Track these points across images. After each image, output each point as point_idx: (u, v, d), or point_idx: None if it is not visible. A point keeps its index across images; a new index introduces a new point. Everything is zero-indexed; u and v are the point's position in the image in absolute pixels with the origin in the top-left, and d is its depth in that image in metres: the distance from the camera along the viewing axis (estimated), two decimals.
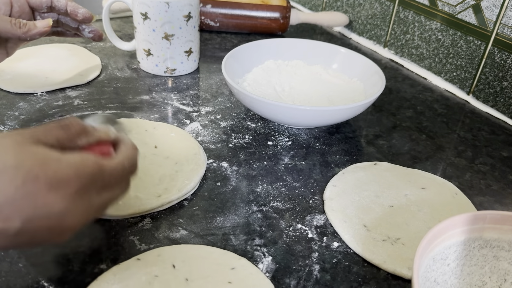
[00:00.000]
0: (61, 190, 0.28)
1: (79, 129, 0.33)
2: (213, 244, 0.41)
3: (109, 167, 0.32)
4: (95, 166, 0.30)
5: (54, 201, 0.28)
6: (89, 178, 0.30)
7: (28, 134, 0.29)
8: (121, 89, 0.64)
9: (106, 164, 0.32)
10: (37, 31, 0.52)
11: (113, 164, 0.32)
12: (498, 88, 0.65)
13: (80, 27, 0.59)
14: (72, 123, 0.32)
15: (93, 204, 0.31)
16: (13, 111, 0.57)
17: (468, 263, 0.36)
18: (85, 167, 0.30)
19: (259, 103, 0.52)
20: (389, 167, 0.52)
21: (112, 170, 0.32)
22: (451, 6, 0.69)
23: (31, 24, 0.52)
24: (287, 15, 0.84)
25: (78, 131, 0.33)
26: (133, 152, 0.35)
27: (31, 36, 0.52)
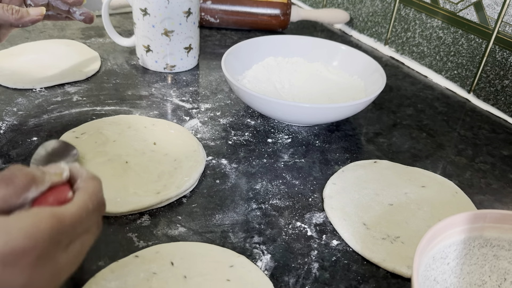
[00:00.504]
0: (18, 263, 0.24)
1: (25, 179, 0.27)
2: (212, 241, 0.41)
3: (70, 215, 0.27)
4: (51, 221, 0.26)
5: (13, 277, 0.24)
6: (47, 238, 0.25)
7: None
8: (120, 85, 0.64)
9: (65, 214, 0.27)
10: (30, 18, 0.50)
11: (73, 210, 0.27)
12: (499, 86, 0.65)
13: (71, 10, 0.57)
14: (15, 174, 0.27)
15: (61, 263, 0.27)
16: (12, 107, 0.56)
17: (468, 262, 0.36)
18: (40, 227, 0.25)
19: (259, 100, 0.52)
20: (389, 165, 0.52)
21: (74, 217, 0.27)
22: (453, 4, 0.69)
23: (24, 11, 0.50)
24: (288, 12, 0.83)
25: (24, 182, 0.27)
26: (94, 185, 0.30)
27: (24, 23, 0.50)
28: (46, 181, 0.28)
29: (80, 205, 0.28)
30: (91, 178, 0.31)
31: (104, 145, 0.49)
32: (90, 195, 0.29)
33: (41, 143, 0.50)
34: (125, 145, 0.50)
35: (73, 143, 0.49)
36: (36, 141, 0.51)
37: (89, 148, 0.48)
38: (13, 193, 0.27)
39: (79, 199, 0.29)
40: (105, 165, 0.47)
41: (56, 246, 0.26)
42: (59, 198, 0.29)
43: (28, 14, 0.50)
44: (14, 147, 0.50)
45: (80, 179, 0.30)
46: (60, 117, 0.56)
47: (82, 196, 0.29)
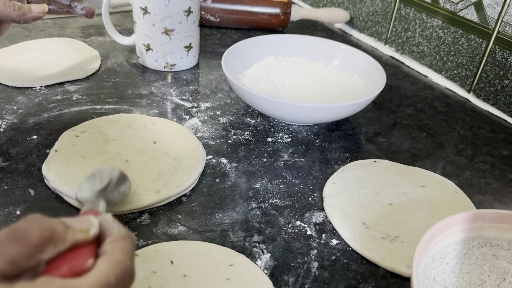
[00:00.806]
0: None
1: (41, 236, 0.22)
2: (212, 240, 0.41)
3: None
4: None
5: None
6: None
7: None
8: (120, 84, 0.64)
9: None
10: (32, 15, 0.50)
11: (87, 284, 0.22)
12: (499, 86, 0.65)
13: (72, 4, 0.57)
14: (30, 229, 0.22)
15: None
16: (12, 105, 0.56)
17: (467, 262, 0.36)
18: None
19: (259, 99, 0.52)
20: (389, 165, 0.52)
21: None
22: (453, 4, 0.69)
23: (26, 7, 0.50)
24: (288, 11, 0.83)
25: (40, 240, 0.22)
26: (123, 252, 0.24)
27: (25, 19, 0.51)
28: (68, 240, 0.23)
29: (100, 279, 0.22)
30: (122, 239, 0.25)
31: (104, 144, 0.49)
32: (115, 266, 0.23)
33: (41, 141, 0.50)
34: (125, 144, 0.50)
35: (73, 142, 0.49)
36: (36, 139, 0.51)
37: (89, 147, 0.48)
38: (25, 254, 0.22)
39: (101, 270, 0.23)
40: (105, 163, 0.47)
41: None
42: (77, 266, 0.23)
43: (30, 11, 0.50)
44: (14, 145, 0.50)
45: (109, 239, 0.25)
46: (60, 115, 0.56)
47: (105, 266, 0.23)
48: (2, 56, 0.66)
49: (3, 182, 0.45)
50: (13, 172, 0.46)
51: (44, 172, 0.45)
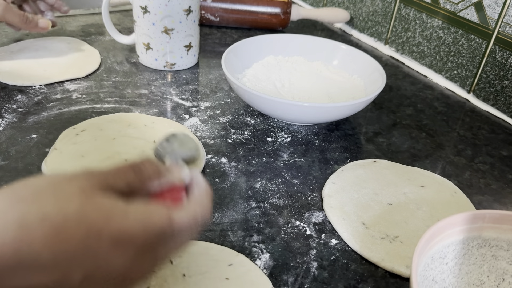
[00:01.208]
0: (125, 247, 0.26)
1: (152, 172, 0.30)
2: (211, 240, 0.41)
3: (180, 219, 0.28)
4: (164, 220, 0.28)
5: (117, 257, 0.26)
6: (157, 233, 0.27)
7: (96, 179, 0.27)
8: (120, 83, 0.64)
9: (177, 219, 0.28)
10: (37, 30, 0.65)
11: (184, 215, 0.29)
12: (498, 87, 0.65)
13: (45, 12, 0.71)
14: (145, 166, 0.30)
15: (158, 257, 0.29)
16: (11, 104, 0.56)
17: (467, 262, 0.36)
18: (154, 222, 0.27)
19: (259, 99, 0.52)
20: (389, 165, 0.52)
21: (183, 222, 0.29)
22: (453, 4, 0.69)
23: (34, 22, 0.64)
24: (288, 10, 0.83)
25: (150, 174, 0.30)
26: (206, 198, 0.31)
27: (30, 30, 0.65)
28: (169, 180, 0.31)
29: (191, 214, 0.29)
30: (206, 190, 0.32)
31: (103, 143, 0.49)
32: (202, 209, 0.30)
33: (40, 140, 0.50)
34: (124, 143, 0.50)
35: (73, 140, 0.49)
36: (35, 138, 0.51)
37: (89, 146, 0.48)
38: (138, 182, 0.29)
39: (192, 209, 0.29)
40: (104, 162, 0.46)
41: (160, 242, 0.28)
42: (175, 198, 0.30)
43: (36, 26, 0.64)
44: (13, 144, 0.50)
45: (197, 189, 0.31)
46: (59, 114, 0.56)
47: (194, 207, 0.30)
48: (2, 54, 0.66)
49: (3, 180, 0.45)
50: (13, 171, 0.46)
51: (43, 171, 0.45)
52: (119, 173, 0.28)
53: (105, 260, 0.26)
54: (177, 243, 0.29)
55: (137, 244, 0.26)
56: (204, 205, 0.31)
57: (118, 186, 0.28)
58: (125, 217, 0.26)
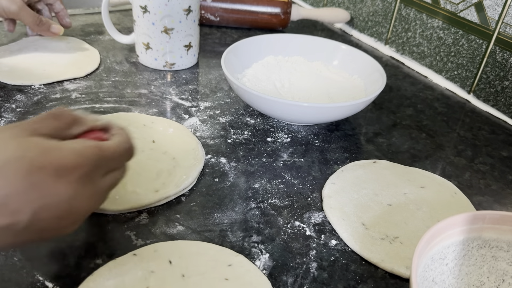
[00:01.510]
0: (67, 177, 0.28)
1: (71, 118, 0.33)
2: (210, 240, 0.40)
3: (109, 149, 0.32)
4: (96, 150, 0.31)
5: (62, 188, 0.28)
6: (92, 162, 0.30)
7: (24, 126, 0.29)
8: (120, 83, 0.64)
9: (106, 147, 0.32)
10: (48, 34, 0.68)
11: (112, 146, 0.33)
12: (499, 87, 0.65)
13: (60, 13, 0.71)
14: (64, 113, 0.33)
15: (98, 188, 0.32)
16: (10, 104, 0.56)
17: (467, 263, 0.36)
18: (87, 151, 0.30)
19: (259, 99, 0.52)
20: (388, 165, 0.52)
21: (113, 152, 0.32)
22: (453, 4, 0.69)
23: (47, 26, 0.66)
24: (288, 10, 0.83)
25: (70, 120, 0.33)
26: (126, 133, 0.35)
27: (42, 34, 0.67)
28: (87, 124, 0.34)
29: (117, 144, 0.33)
30: (123, 128, 0.36)
31: None
32: (125, 139, 0.34)
33: None
34: None
35: None
36: None
37: None
38: (61, 127, 0.32)
39: (116, 139, 0.34)
40: None
41: (97, 170, 0.31)
42: (97, 137, 0.34)
43: (48, 30, 0.67)
44: None
45: (113, 129, 0.35)
46: None
47: (118, 138, 0.34)
48: (1, 54, 0.66)
49: None
50: None
51: None
52: (43, 121, 0.31)
53: (49, 193, 0.28)
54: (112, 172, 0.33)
55: (78, 172, 0.29)
56: (127, 140, 0.34)
57: (45, 132, 0.30)
58: (61, 150, 0.29)
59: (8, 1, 0.62)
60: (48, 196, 0.27)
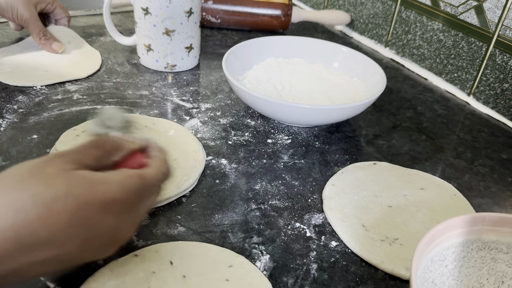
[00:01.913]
0: (112, 210, 0.29)
1: (112, 145, 0.33)
2: (211, 241, 0.41)
3: (150, 177, 0.33)
4: (138, 180, 0.31)
5: (107, 220, 0.29)
6: (134, 192, 0.31)
7: (69, 158, 0.30)
8: (121, 84, 0.64)
9: (147, 175, 0.32)
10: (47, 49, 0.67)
11: (153, 173, 0.33)
12: (498, 90, 0.65)
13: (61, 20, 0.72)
14: (105, 141, 0.33)
15: (139, 214, 0.33)
16: (12, 104, 0.56)
17: (466, 265, 0.36)
18: (130, 183, 0.31)
19: (259, 100, 0.52)
20: (388, 167, 0.52)
21: (153, 179, 0.33)
22: (453, 7, 0.69)
23: (49, 42, 0.66)
24: (289, 12, 0.84)
25: (111, 148, 0.33)
26: (164, 155, 0.36)
27: (41, 47, 0.67)
28: (127, 148, 0.34)
29: (157, 169, 0.34)
30: (161, 148, 0.36)
31: None
32: (163, 162, 0.35)
33: (41, 141, 0.51)
34: None
35: (73, 142, 0.49)
36: (36, 138, 0.51)
37: None
38: (103, 155, 0.32)
39: (156, 164, 0.34)
40: None
41: (139, 199, 0.32)
42: (139, 163, 0.34)
43: (50, 47, 0.67)
44: (14, 144, 0.50)
45: (154, 150, 0.36)
46: (60, 115, 0.56)
47: (157, 162, 0.34)
48: (3, 55, 0.66)
49: None
50: None
51: None
52: (86, 151, 0.32)
53: (96, 225, 0.29)
54: (151, 196, 0.34)
55: (122, 204, 0.30)
56: (165, 162, 0.35)
57: (88, 162, 0.31)
58: (105, 183, 0.29)
59: (24, 8, 0.64)
60: (95, 229, 0.29)
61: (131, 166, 0.34)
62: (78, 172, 0.29)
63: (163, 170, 0.34)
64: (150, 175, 0.33)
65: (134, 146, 0.35)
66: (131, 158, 0.34)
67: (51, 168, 0.29)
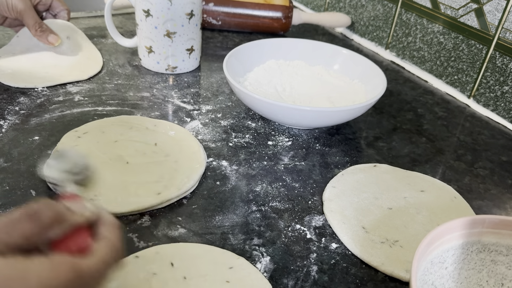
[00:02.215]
0: None
1: (51, 216, 0.26)
2: (212, 243, 0.41)
3: (89, 270, 0.26)
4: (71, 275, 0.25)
5: None
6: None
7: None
8: (122, 86, 0.64)
9: (85, 268, 0.26)
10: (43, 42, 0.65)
11: (93, 264, 0.26)
12: (498, 92, 0.65)
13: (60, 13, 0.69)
14: (42, 211, 0.26)
15: None
16: (14, 106, 0.57)
17: (466, 267, 0.36)
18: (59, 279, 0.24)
19: (260, 102, 0.52)
20: (389, 169, 0.52)
21: (93, 272, 0.26)
22: (454, 10, 0.69)
23: (45, 34, 0.64)
24: (289, 15, 0.84)
25: (50, 219, 0.26)
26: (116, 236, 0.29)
27: (38, 39, 0.65)
28: (70, 222, 0.27)
29: (101, 259, 0.27)
30: (114, 226, 0.29)
31: (105, 145, 0.49)
32: (111, 248, 0.28)
33: (43, 142, 0.51)
34: (126, 146, 0.50)
35: (75, 143, 0.49)
36: (37, 140, 0.51)
37: (91, 148, 0.49)
38: (37, 231, 0.26)
39: (101, 252, 0.27)
40: (106, 165, 0.47)
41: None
42: (80, 245, 0.27)
43: (46, 39, 0.65)
44: (15, 146, 0.50)
45: (103, 226, 0.29)
46: (61, 116, 0.56)
47: (103, 249, 0.27)
48: (4, 56, 0.66)
49: (5, 182, 0.45)
50: (15, 173, 0.46)
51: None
52: (13, 225, 0.25)
53: None
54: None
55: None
56: (114, 245, 0.28)
57: (14, 242, 0.25)
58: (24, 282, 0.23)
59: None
60: None
61: (69, 249, 0.27)
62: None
63: (108, 259, 0.27)
64: (88, 269, 0.26)
65: (80, 220, 0.28)
66: (72, 237, 0.27)
67: None
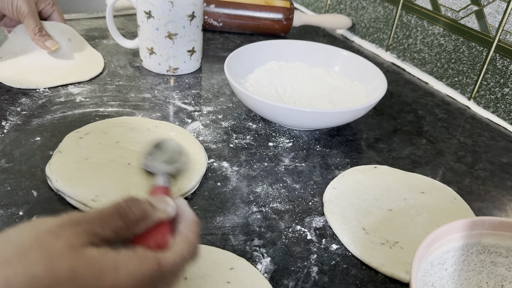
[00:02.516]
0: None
1: (138, 215, 0.29)
2: (212, 243, 0.41)
3: (169, 264, 0.28)
4: (154, 267, 0.27)
5: None
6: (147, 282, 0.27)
7: (84, 229, 0.26)
8: (123, 87, 0.64)
9: (166, 262, 0.28)
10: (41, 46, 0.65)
11: (172, 259, 0.28)
12: (499, 94, 0.65)
13: None
14: (131, 209, 0.29)
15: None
16: (15, 107, 0.57)
17: (466, 268, 0.36)
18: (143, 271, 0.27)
19: (261, 104, 0.53)
20: (389, 171, 0.52)
21: (172, 267, 0.28)
22: (454, 12, 0.69)
23: (44, 39, 0.65)
24: (290, 16, 0.84)
25: (137, 217, 0.29)
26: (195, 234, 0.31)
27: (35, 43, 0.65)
28: (154, 219, 0.30)
29: (179, 255, 0.29)
30: (194, 223, 0.31)
31: (107, 146, 0.50)
32: (189, 246, 0.29)
33: (44, 143, 0.51)
34: (127, 147, 0.50)
35: (76, 143, 0.49)
36: (39, 141, 0.51)
37: (92, 149, 0.49)
38: (125, 227, 0.28)
39: (179, 248, 0.29)
40: (107, 166, 0.47)
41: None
42: (160, 242, 0.29)
43: (43, 44, 0.65)
44: (17, 146, 0.50)
45: (184, 223, 0.31)
46: (63, 117, 0.56)
47: (182, 245, 0.29)
48: (6, 57, 0.66)
49: (6, 183, 0.45)
50: (16, 173, 0.46)
51: (47, 173, 0.45)
52: (105, 220, 0.27)
53: None
54: (167, 283, 0.29)
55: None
56: (191, 241, 0.30)
57: (106, 235, 0.27)
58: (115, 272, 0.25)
59: (23, 2, 0.62)
60: None
61: (149, 244, 0.29)
62: (88, 252, 0.25)
63: (186, 254, 0.29)
64: (168, 263, 0.28)
65: (162, 217, 0.30)
66: (153, 232, 0.30)
67: (59, 241, 0.25)
